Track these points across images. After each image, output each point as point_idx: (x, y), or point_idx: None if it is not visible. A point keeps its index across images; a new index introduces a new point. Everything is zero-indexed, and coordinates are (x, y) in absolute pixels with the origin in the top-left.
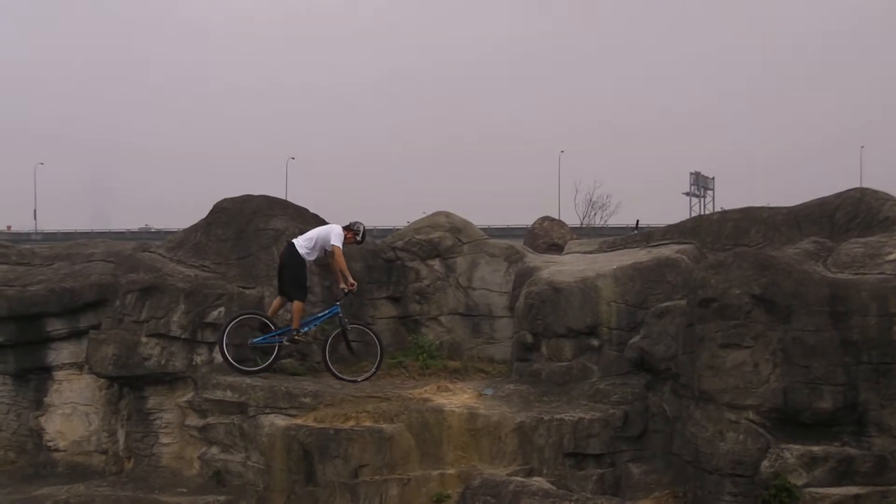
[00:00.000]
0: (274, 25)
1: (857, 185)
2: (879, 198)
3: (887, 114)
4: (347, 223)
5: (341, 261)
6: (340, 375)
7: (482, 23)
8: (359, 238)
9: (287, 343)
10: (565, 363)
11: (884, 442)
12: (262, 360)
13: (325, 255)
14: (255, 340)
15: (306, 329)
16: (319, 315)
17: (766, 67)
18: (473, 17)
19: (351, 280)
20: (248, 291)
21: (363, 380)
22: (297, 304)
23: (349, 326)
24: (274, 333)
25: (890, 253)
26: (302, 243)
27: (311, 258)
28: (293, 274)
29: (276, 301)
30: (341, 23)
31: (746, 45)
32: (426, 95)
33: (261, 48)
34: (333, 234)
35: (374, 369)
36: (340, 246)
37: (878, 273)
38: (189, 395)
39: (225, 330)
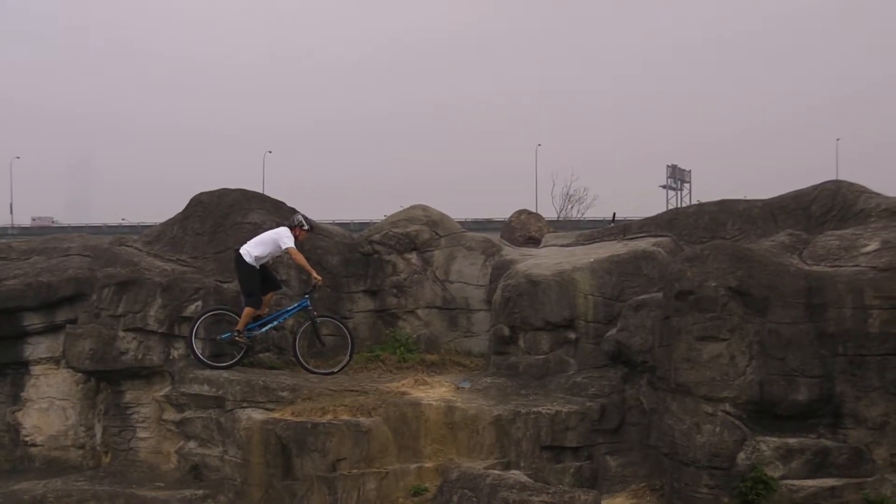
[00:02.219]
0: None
1: (832, 172)
2: (855, 190)
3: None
4: (288, 222)
5: (299, 259)
6: (312, 369)
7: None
8: (305, 228)
9: (230, 342)
10: (542, 356)
11: (859, 434)
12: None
13: (282, 255)
14: (221, 336)
15: (265, 330)
16: (288, 309)
17: (743, 54)
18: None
19: (315, 275)
20: (225, 285)
21: (336, 372)
22: (246, 309)
23: (319, 319)
24: (232, 332)
25: (865, 245)
26: (250, 249)
27: (263, 261)
28: (242, 281)
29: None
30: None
31: (727, 31)
32: (401, 82)
33: (226, 25)
34: (282, 237)
35: (345, 361)
36: (293, 245)
37: (854, 265)
38: (166, 390)
39: (194, 326)
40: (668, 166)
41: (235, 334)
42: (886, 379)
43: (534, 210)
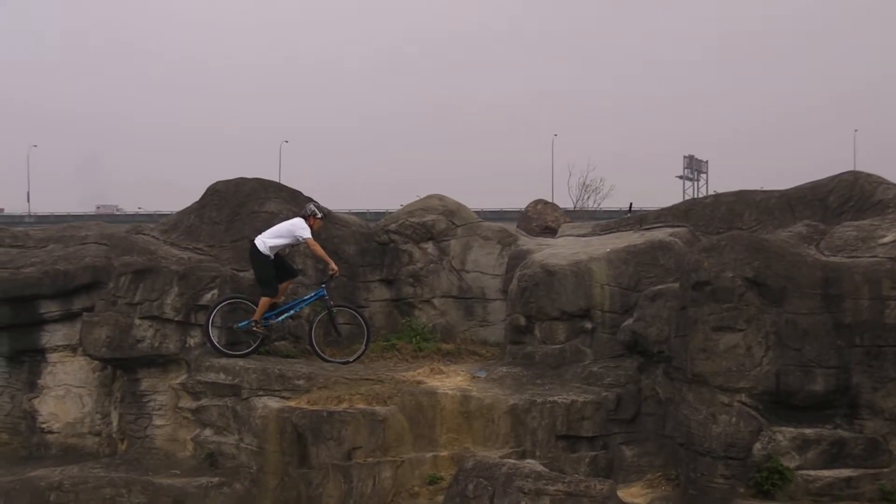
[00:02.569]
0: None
1: (850, 164)
2: (873, 181)
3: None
4: (302, 213)
5: (317, 250)
6: (328, 358)
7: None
8: (319, 217)
9: (246, 331)
10: (558, 346)
11: (876, 424)
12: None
13: (299, 245)
14: (239, 325)
15: (281, 319)
16: (305, 298)
17: (760, 46)
18: None
19: (332, 265)
20: (241, 274)
21: (351, 361)
22: (262, 299)
23: (335, 309)
24: (249, 321)
25: (883, 236)
26: (265, 239)
27: (278, 251)
28: (257, 271)
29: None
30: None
31: (748, 21)
32: (419, 76)
33: (228, 25)
34: (298, 228)
35: (361, 350)
36: (310, 236)
37: (871, 256)
38: (182, 378)
39: (211, 314)
40: (684, 157)
41: (252, 324)
42: None
43: (550, 200)
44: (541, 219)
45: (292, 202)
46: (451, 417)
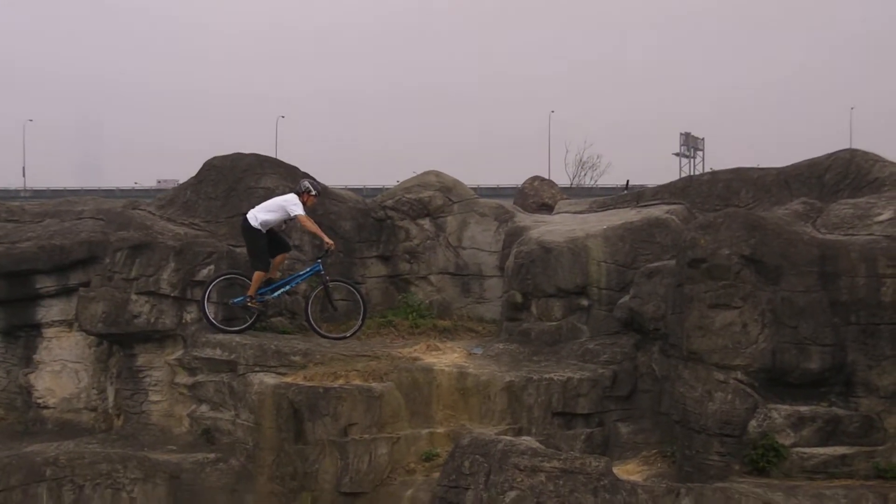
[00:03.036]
0: None
1: (845, 140)
2: (869, 159)
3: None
4: (296, 189)
5: (309, 225)
6: (325, 333)
7: None
8: (313, 193)
9: (242, 307)
10: (555, 323)
11: (871, 402)
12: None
13: (292, 221)
14: (234, 301)
15: (277, 294)
16: (301, 273)
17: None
18: None
19: (327, 240)
20: (238, 250)
21: (348, 336)
22: (255, 274)
23: (331, 284)
24: (244, 297)
25: (879, 214)
26: (256, 214)
27: (270, 226)
28: (249, 245)
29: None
30: None
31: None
32: (416, 47)
33: None
34: (290, 204)
35: (357, 325)
36: (302, 213)
37: (867, 234)
38: (178, 353)
39: (207, 290)
40: (681, 134)
41: (247, 299)
42: None
43: (547, 177)
44: (537, 195)
45: (289, 178)
46: (448, 394)
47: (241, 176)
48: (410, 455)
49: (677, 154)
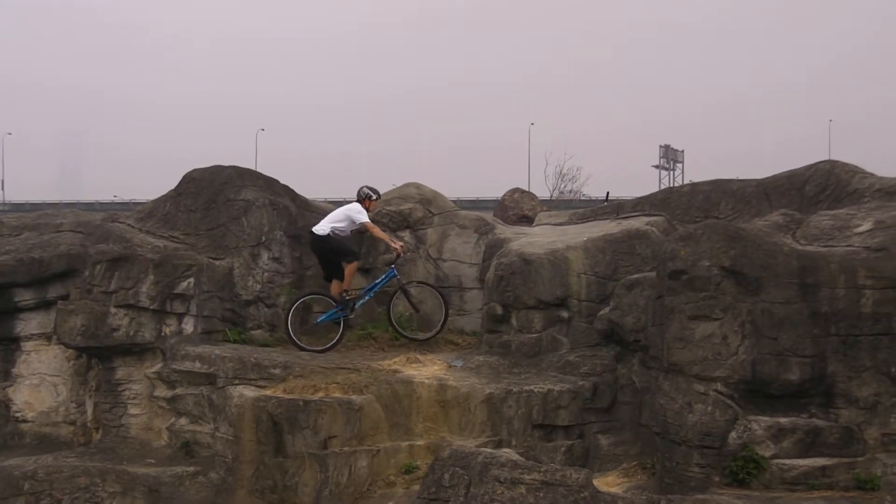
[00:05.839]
0: None
1: (824, 152)
2: (849, 170)
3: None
4: (357, 197)
5: (377, 232)
6: (411, 335)
7: None
8: (374, 198)
9: (343, 311)
10: (535, 335)
11: (851, 414)
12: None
13: (356, 228)
14: (319, 319)
15: (364, 299)
16: (378, 281)
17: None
18: None
19: (396, 244)
20: (217, 262)
21: (434, 335)
22: (349, 267)
23: (409, 287)
24: (336, 309)
25: (859, 225)
26: (324, 225)
27: (340, 234)
28: (328, 254)
29: (333, 286)
30: None
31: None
32: (396, 57)
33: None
34: (354, 212)
35: (440, 324)
36: (367, 219)
37: (847, 245)
38: (158, 366)
39: (289, 313)
40: (660, 146)
41: (345, 294)
42: (878, 359)
43: (527, 189)
44: (517, 207)
45: (268, 190)
46: (428, 406)
47: (220, 188)
48: (390, 468)
49: (657, 166)
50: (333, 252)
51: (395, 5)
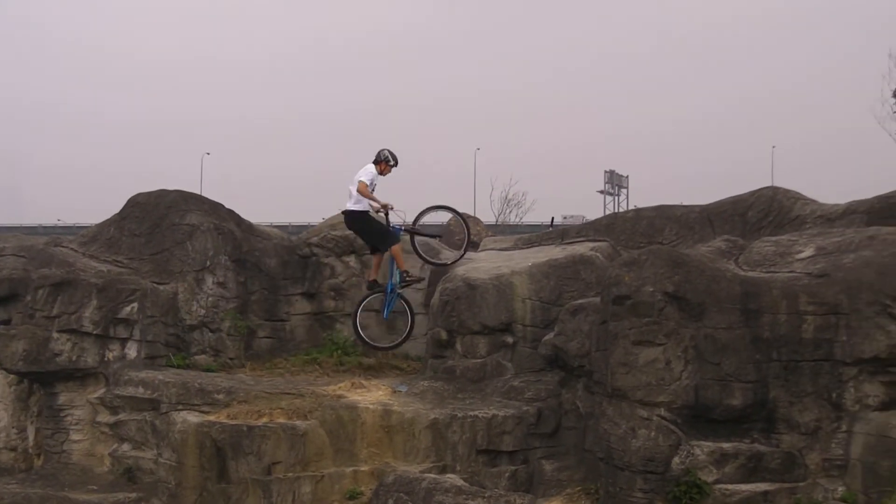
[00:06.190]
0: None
1: (767, 178)
2: (791, 196)
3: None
4: (375, 159)
5: (366, 192)
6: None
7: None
8: (391, 164)
9: (402, 287)
10: (480, 360)
11: (792, 439)
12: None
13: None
14: (385, 315)
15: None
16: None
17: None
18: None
19: (381, 203)
20: (161, 287)
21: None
22: (393, 248)
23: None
24: (389, 291)
25: (800, 251)
26: (353, 203)
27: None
28: (367, 231)
29: (374, 259)
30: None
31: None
32: (340, 78)
33: (158, 21)
34: (361, 171)
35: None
36: (364, 180)
37: (789, 271)
38: (100, 392)
39: (356, 315)
40: (605, 172)
41: (405, 274)
42: (819, 384)
43: (472, 214)
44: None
45: (213, 214)
46: (372, 432)
47: (165, 212)
48: (335, 493)
49: (602, 191)
50: (368, 233)
51: (338, 27)
